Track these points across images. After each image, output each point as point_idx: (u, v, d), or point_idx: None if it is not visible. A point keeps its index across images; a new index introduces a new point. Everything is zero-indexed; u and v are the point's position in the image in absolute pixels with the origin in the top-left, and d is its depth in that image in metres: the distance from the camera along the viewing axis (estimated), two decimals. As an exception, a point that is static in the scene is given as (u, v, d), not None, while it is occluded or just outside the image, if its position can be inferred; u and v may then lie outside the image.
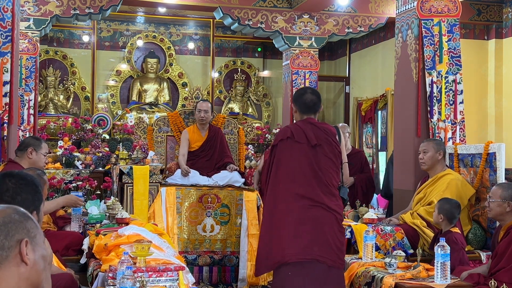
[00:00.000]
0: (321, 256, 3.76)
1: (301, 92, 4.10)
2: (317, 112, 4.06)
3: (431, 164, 5.01)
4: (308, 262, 3.77)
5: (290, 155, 3.93)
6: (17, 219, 1.56)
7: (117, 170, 5.72)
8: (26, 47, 7.92)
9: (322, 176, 3.87)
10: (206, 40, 11.60)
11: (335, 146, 3.97)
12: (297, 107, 4.05)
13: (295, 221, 3.82)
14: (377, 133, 9.88)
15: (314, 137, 3.90)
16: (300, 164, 3.89)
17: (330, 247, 3.80)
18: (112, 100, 11.03)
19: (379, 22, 9.13)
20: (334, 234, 3.84)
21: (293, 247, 3.79)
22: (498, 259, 3.69)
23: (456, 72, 5.66)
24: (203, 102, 6.14)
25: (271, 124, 11.25)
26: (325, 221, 3.82)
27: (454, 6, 5.72)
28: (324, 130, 3.98)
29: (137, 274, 2.74)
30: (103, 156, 8.07)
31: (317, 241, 3.79)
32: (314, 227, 3.81)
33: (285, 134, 4.00)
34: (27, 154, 4.55)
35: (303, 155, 3.90)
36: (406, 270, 3.96)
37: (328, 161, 3.91)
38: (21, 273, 1.55)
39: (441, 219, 4.37)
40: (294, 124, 4.11)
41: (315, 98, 4.03)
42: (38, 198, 2.18)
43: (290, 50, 9.06)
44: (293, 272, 3.78)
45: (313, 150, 3.89)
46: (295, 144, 3.92)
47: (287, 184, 3.90)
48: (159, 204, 5.50)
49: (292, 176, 3.90)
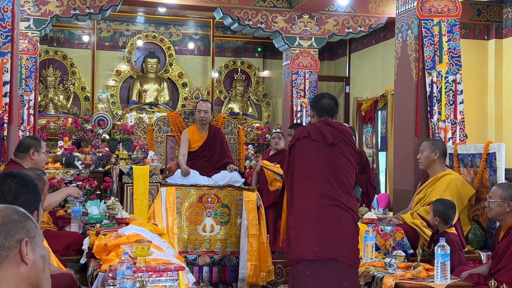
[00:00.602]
0: (340, 255, 3.78)
1: (319, 97, 4.20)
2: (334, 116, 4.12)
3: (427, 163, 5.04)
4: (326, 261, 3.79)
5: (308, 154, 3.96)
6: (17, 219, 1.57)
7: (117, 170, 5.72)
8: (26, 47, 7.92)
9: (340, 175, 3.90)
10: (206, 40, 11.60)
11: (352, 145, 4.02)
12: (315, 112, 4.12)
13: (314, 219, 3.84)
14: (377, 133, 9.87)
15: (331, 136, 3.94)
16: (317, 162, 3.93)
17: (349, 247, 3.82)
18: (112, 100, 11.03)
19: (379, 22, 9.13)
20: (352, 233, 3.86)
21: (312, 245, 3.81)
22: (498, 259, 3.69)
23: (456, 72, 5.66)
24: (203, 102, 6.14)
25: (271, 124, 11.25)
26: (343, 221, 3.84)
27: (454, 6, 5.72)
28: (341, 130, 4.03)
29: (137, 274, 2.74)
30: (103, 156, 8.07)
31: (336, 240, 3.81)
32: (333, 226, 3.83)
33: (302, 133, 4.04)
34: (29, 155, 4.55)
35: (320, 153, 3.93)
36: (406, 270, 3.96)
37: (345, 160, 3.95)
38: (20, 273, 1.55)
39: (437, 221, 4.38)
40: (311, 124, 4.15)
41: (332, 103, 4.10)
42: (38, 198, 2.21)
43: (290, 50, 9.06)
44: (312, 270, 3.79)
45: (330, 148, 3.93)
46: (312, 142, 3.95)
47: (305, 182, 3.92)
48: (159, 204, 5.50)
49: (310, 174, 3.93)
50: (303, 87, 8.99)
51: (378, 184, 9.75)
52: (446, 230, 4.36)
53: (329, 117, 4.08)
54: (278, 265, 5.67)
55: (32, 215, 2.09)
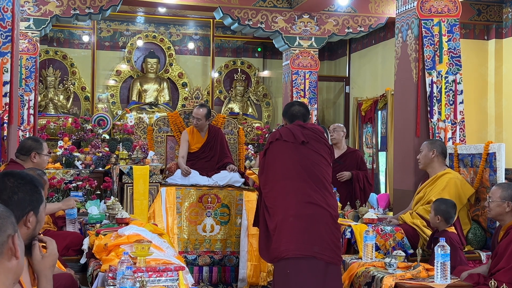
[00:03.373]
0: (318, 253, 3.84)
1: (289, 105, 4.40)
2: (305, 122, 4.25)
3: (425, 163, 5.08)
4: (305, 258, 3.85)
5: (282, 154, 4.10)
6: (5, 214, 1.57)
7: (117, 170, 5.72)
8: (26, 47, 7.92)
9: (314, 171, 4.01)
10: (206, 40, 11.59)
11: (324, 143, 4.16)
12: (287, 119, 4.31)
13: (292, 217, 3.92)
14: (377, 133, 9.87)
15: (301, 135, 4.08)
16: (292, 161, 4.05)
17: (327, 244, 3.88)
18: (112, 100, 11.03)
19: (379, 22, 9.13)
20: (330, 230, 3.92)
21: (290, 243, 3.87)
22: (498, 259, 3.69)
23: (456, 72, 5.66)
24: (198, 109, 5.98)
25: (271, 124, 11.25)
26: (320, 219, 3.92)
27: (454, 6, 5.72)
28: (311, 129, 4.18)
29: (137, 274, 2.74)
30: (103, 156, 8.06)
31: (313, 238, 3.88)
32: (310, 224, 3.91)
33: (274, 136, 4.20)
34: (31, 158, 4.54)
35: (293, 152, 4.06)
36: (406, 270, 3.96)
37: (318, 156, 4.07)
38: (11, 267, 1.57)
39: (438, 220, 4.38)
40: (283, 127, 4.34)
41: (302, 109, 4.30)
42: (36, 199, 2.11)
43: (290, 50, 9.06)
44: (292, 269, 3.83)
45: (302, 147, 4.06)
46: (284, 143, 4.11)
47: (282, 182, 4.03)
48: (159, 204, 5.50)
49: (285, 173, 4.04)
50: (303, 87, 8.99)
51: (378, 184, 9.75)
52: (446, 229, 4.36)
53: (300, 120, 4.23)
54: (278, 265, 5.67)
55: (28, 215, 2.06)
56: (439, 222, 4.38)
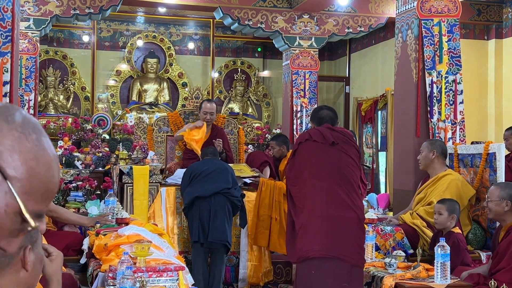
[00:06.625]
0: (344, 254, 3.82)
1: (317, 109, 4.38)
2: (334, 125, 4.21)
3: (425, 163, 5.08)
4: (330, 259, 3.83)
5: (311, 155, 4.07)
6: None
7: (117, 170, 5.72)
8: (26, 47, 7.92)
9: (344, 173, 3.99)
10: (206, 40, 11.59)
11: (353, 145, 4.13)
12: (315, 123, 4.25)
13: (320, 218, 3.89)
14: (377, 133, 9.87)
15: (331, 136, 4.04)
16: (321, 161, 4.03)
17: (352, 246, 3.86)
18: (112, 100, 11.02)
19: (379, 22, 9.13)
20: (356, 233, 3.91)
21: (316, 243, 3.85)
22: (499, 260, 3.69)
23: (456, 72, 5.66)
24: (209, 103, 6.04)
25: (271, 124, 11.25)
26: (348, 221, 3.90)
27: (454, 6, 5.72)
28: (341, 132, 4.16)
29: (137, 274, 2.74)
30: (103, 156, 8.06)
31: (340, 240, 3.86)
32: (337, 226, 3.88)
33: (303, 137, 4.18)
34: None
35: (323, 153, 4.04)
36: (406, 270, 3.96)
37: (348, 158, 4.04)
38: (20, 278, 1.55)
39: (451, 220, 4.33)
40: (312, 128, 4.29)
41: (331, 113, 4.24)
42: None
43: (290, 50, 9.06)
44: (316, 269, 3.82)
45: (331, 148, 4.03)
46: (314, 144, 4.07)
47: (311, 182, 4.00)
48: (159, 204, 5.50)
49: (314, 174, 4.01)
50: (303, 87, 8.99)
51: (378, 184, 9.75)
52: (451, 230, 4.34)
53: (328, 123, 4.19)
54: (278, 265, 5.67)
55: None
56: (451, 222, 4.34)
